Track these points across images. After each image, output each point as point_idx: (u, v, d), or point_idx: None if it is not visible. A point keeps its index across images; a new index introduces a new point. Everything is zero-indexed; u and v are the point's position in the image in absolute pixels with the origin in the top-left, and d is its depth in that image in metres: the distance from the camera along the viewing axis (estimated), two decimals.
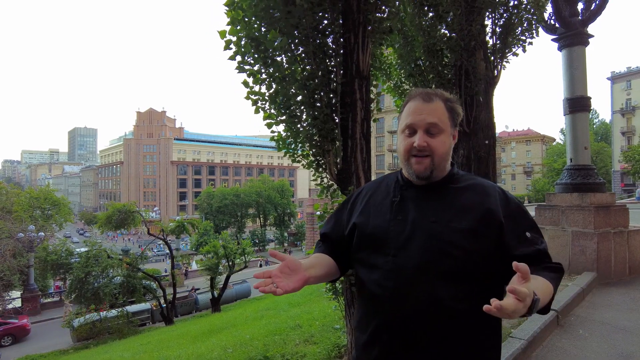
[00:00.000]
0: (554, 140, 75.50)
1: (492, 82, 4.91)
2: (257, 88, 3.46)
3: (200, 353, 5.33)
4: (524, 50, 5.01)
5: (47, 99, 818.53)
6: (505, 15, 4.93)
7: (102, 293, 15.01)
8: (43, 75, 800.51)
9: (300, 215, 67.68)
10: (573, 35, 5.97)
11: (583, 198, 5.77)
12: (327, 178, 3.54)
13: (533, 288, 0.92)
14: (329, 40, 3.51)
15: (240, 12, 3.38)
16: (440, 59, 4.82)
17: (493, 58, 4.97)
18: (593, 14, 5.91)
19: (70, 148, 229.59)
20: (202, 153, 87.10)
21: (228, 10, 3.45)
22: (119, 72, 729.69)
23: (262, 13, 3.28)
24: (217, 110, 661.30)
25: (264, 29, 3.35)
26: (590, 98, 6.03)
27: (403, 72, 5.26)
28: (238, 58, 3.27)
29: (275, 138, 3.67)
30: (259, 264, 41.06)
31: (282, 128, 3.63)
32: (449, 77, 4.83)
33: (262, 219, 65.42)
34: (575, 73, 6.02)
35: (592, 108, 6.43)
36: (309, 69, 3.40)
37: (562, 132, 71.70)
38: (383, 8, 3.58)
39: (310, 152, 3.52)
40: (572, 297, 4.46)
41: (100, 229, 18.77)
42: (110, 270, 15.89)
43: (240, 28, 3.36)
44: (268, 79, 3.39)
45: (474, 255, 1.09)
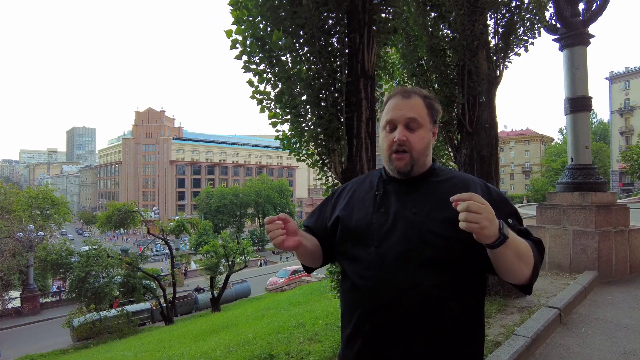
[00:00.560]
0: (553, 140, 75.61)
1: (494, 81, 4.94)
2: (262, 87, 3.47)
3: (204, 352, 5.32)
4: (526, 50, 5.03)
5: (45, 99, 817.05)
6: (508, 16, 4.95)
7: (102, 292, 15.00)
8: (41, 75, 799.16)
9: (299, 215, 67.74)
10: (574, 36, 6.00)
11: (584, 197, 5.80)
12: (332, 177, 3.55)
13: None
14: (334, 40, 3.52)
15: (245, 11, 3.37)
16: (443, 59, 4.84)
17: (495, 58, 4.99)
18: (594, 14, 5.94)
19: (69, 148, 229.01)
20: (200, 153, 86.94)
21: (232, 10, 3.44)
22: (118, 71, 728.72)
23: (267, 13, 3.28)
24: (216, 110, 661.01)
25: (269, 29, 3.35)
26: (591, 98, 6.06)
27: (406, 71, 5.28)
28: (244, 58, 3.27)
29: (280, 137, 3.68)
30: (259, 264, 41.03)
31: (286, 127, 3.63)
32: (452, 76, 4.86)
33: (261, 219, 65.36)
34: (577, 73, 6.05)
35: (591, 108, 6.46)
36: (314, 69, 3.41)
37: (560, 132, 71.84)
38: (388, 8, 3.59)
39: (315, 151, 3.53)
40: (574, 295, 4.49)
41: (100, 229, 18.72)
42: (111, 270, 15.87)
43: (245, 27, 3.35)
44: (273, 79, 3.39)
45: (454, 243, 1.09)
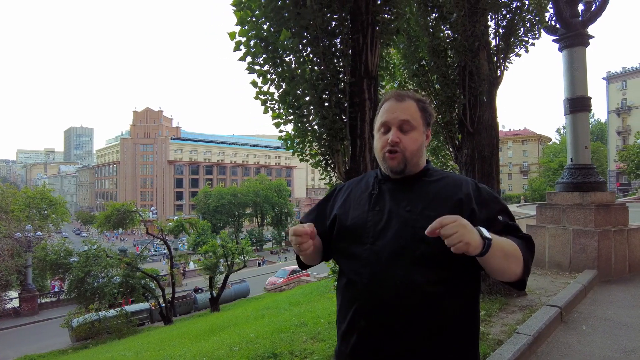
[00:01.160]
0: (550, 140, 75.84)
1: (495, 82, 4.97)
2: (266, 88, 3.49)
3: (206, 351, 5.33)
4: (527, 51, 5.07)
5: (42, 98, 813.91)
6: (508, 17, 4.99)
7: (101, 293, 14.97)
8: (38, 74, 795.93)
9: (297, 215, 67.72)
10: (574, 36, 6.04)
11: (584, 197, 5.84)
12: (335, 177, 3.58)
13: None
14: (337, 41, 3.54)
15: (249, 12, 3.39)
16: (444, 60, 4.87)
17: (496, 59, 5.02)
18: (593, 15, 5.98)
19: (66, 147, 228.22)
20: (199, 152, 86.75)
21: (236, 10, 3.46)
22: (115, 71, 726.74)
23: (271, 14, 3.30)
24: (214, 110, 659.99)
25: (273, 29, 3.37)
26: (591, 98, 6.11)
27: (407, 72, 5.31)
28: (248, 59, 3.29)
29: (284, 137, 3.70)
30: (257, 263, 41.13)
31: (290, 127, 3.66)
32: (453, 77, 4.89)
33: (259, 219, 65.26)
34: (576, 73, 6.09)
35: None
36: (318, 69, 3.43)
37: (558, 131, 72.09)
38: (390, 9, 3.61)
39: (319, 151, 3.56)
40: (574, 294, 4.53)
41: (100, 229, 18.68)
42: (110, 270, 15.85)
43: (249, 28, 3.37)
44: (277, 79, 3.41)
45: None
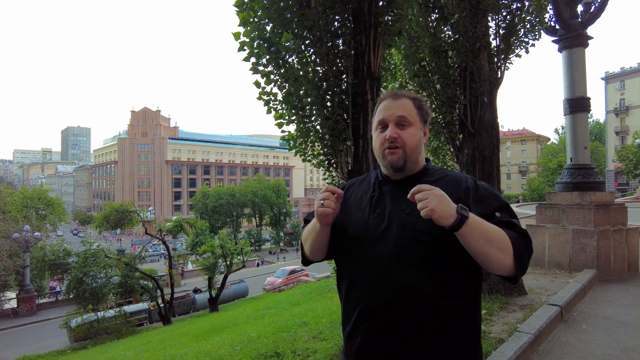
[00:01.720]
0: (549, 140, 76.02)
1: (495, 82, 5.00)
2: (269, 89, 3.51)
3: (207, 351, 5.33)
4: (527, 52, 5.10)
5: (39, 98, 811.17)
6: (509, 18, 5.01)
7: (100, 293, 14.94)
8: (36, 74, 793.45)
9: (296, 215, 67.69)
10: (573, 37, 6.08)
11: (583, 197, 5.88)
12: (338, 177, 3.60)
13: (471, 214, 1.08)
14: (340, 42, 3.56)
15: (252, 13, 3.40)
16: (445, 60, 4.89)
17: (496, 59, 5.05)
18: (592, 16, 6.02)
19: (64, 147, 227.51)
20: (197, 152, 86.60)
21: (239, 11, 3.47)
22: (113, 70, 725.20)
23: (274, 15, 3.31)
24: (212, 110, 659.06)
25: (276, 31, 3.38)
26: (590, 99, 6.15)
27: (408, 72, 5.33)
28: (252, 60, 3.31)
29: (287, 137, 3.72)
30: (256, 264, 41.20)
31: (292, 128, 3.68)
32: (454, 78, 4.91)
33: (258, 219, 65.24)
34: (575, 74, 6.13)
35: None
36: (321, 70, 3.45)
37: (556, 131, 72.28)
38: (392, 10, 3.63)
39: (322, 151, 3.58)
40: (574, 293, 4.56)
41: (98, 229, 18.62)
42: (109, 270, 15.81)
43: (252, 29, 3.39)
44: (280, 80, 3.43)
45: (445, 242, 1.13)
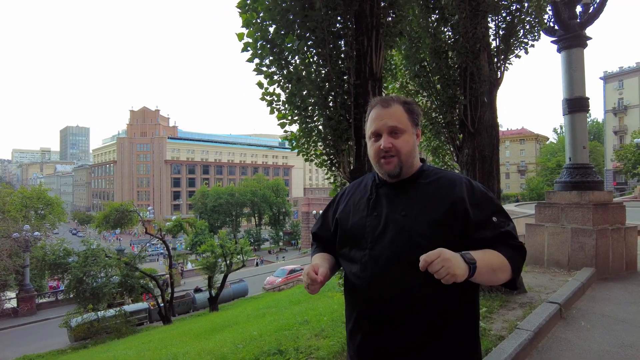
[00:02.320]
0: (548, 139, 76.14)
1: (495, 83, 5.04)
2: (271, 89, 3.55)
3: (210, 349, 5.36)
4: (527, 52, 5.14)
5: (38, 97, 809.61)
6: (508, 19, 5.06)
7: (100, 293, 14.97)
8: (34, 73, 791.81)
9: (295, 214, 67.69)
10: (572, 38, 6.13)
11: (582, 196, 5.93)
12: (340, 176, 3.64)
13: (473, 255, 1.11)
14: (342, 43, 3.60)
15: (254, 14, 3.44)
16: (446, 61, 4.93)
17: (496, 60, 5.10)
18: (591, 17, 6.07)
19: (62, 147, 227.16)
20: (196, 152, 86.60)
21: (241, 13, 3.51)
22: (112, 70, 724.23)
23: (277, 16, 3.35)
24: (211, 109, 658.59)
25: (279, 32, 3.42)
26: (589, 99, 6.20)
27: (408, 72, 5.37)
28: (256, 60, 3.35)
29: (289, 137, 3.76)
30: (255, 263, 41.39)
31: (295, 128, 3.72)
32: (454, 78, 4.95)
33: (257, 218, 65.30)
34: (574, 74, 6.18)
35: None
36: (322, 71, 3.49)
37: (555, 131, 72.38)
38: (394, 12, 3.67)
39: (324, 151, 3.62)
40: (573, 291, 4.62)
41: (98, 229, 18.64)
42: (109, 270, 15.84)
43: (255, 30, 3.43)
44: (283, 80, 3.47)
45: (440, 244, 1.13)
